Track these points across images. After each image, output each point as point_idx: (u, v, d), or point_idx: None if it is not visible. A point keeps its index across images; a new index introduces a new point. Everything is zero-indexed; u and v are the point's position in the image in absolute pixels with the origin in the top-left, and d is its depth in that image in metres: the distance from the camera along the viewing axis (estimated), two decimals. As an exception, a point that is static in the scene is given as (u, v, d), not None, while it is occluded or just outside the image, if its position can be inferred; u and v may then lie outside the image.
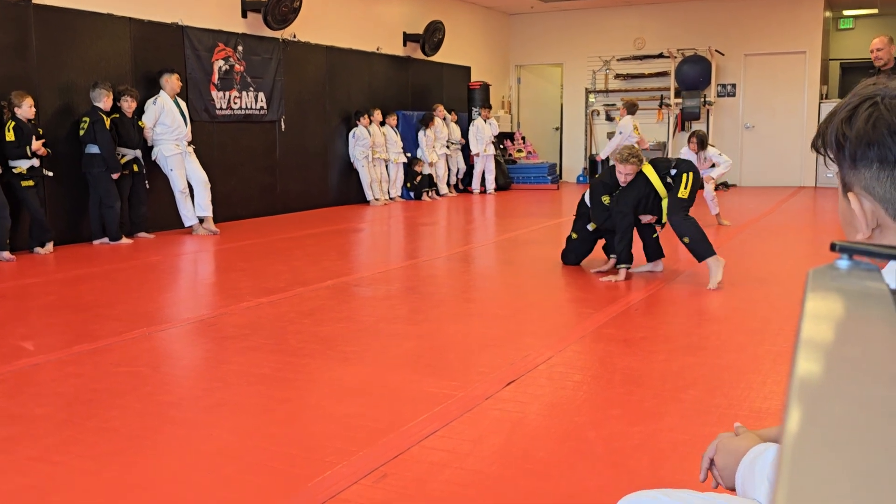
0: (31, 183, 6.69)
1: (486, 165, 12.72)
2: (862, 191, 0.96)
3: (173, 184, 8.00)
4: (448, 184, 12.68)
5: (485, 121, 12.60)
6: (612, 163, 5.95)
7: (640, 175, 5.53)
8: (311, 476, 2.39)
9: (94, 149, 7.20)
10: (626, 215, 5.47)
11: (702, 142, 8.86)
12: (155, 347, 4.00)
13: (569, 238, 6.01)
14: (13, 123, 6.54)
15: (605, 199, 5.66)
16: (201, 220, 8.14)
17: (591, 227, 5.86)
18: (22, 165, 6.63)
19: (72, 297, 5.23)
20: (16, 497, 2.31)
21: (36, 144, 6.64)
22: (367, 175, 10.91)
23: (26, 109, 6.61)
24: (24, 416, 2.96)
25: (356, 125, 10.84)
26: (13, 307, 4.92)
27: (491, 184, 12.75)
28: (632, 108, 10.53)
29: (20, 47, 6.94)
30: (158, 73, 7.93)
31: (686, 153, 9.26)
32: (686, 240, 5.38)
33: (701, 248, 5.32)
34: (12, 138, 6.53)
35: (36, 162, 6.71)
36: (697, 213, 5.72)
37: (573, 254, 6.00)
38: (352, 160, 10.92)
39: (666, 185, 5.55)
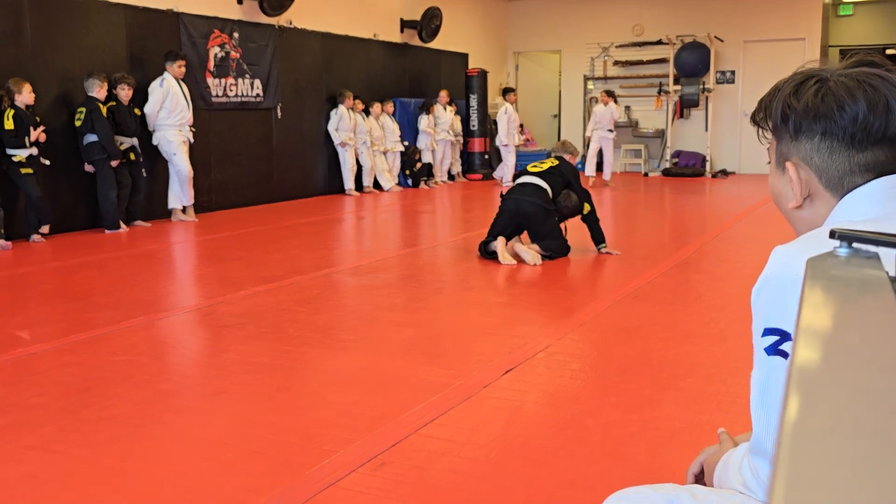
0: (30, 171, 6.70)
1: (603, 145, 12.02)
2: (800, 161, 1.03)
3: (177, 168, 7.99)
4: (450, 172, 12.65)
5: (604, 105, 11.95)
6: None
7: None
8: (309, 464, 2.40)
9: (92, 138, 7.19)
10: None
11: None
12: (153, 336, 4.00)
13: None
14: (12, 112, 6.53)
15: None
16: (184, 209, 8.17)
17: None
18: (21, 154, 6.64)
19: (69, 285, 5.23)
20: (14, 485, 2.32)
21: (35, 133, 6.64)
22: (349, 161, 10.59)
23: (26, 96, 6.62)
24: (21, 405, 2.96)
25: (338, 105, 10.47)
26: (10, 296, 4.92)
27: (608, 172, 12.09)
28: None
29: (14, 35, 6.90)
30: (166, 55, 7.88)
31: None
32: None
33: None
34: (11, 127, 6.53)
35: (34, 150, 6.71)
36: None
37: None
38: (336, 142, 10.50)
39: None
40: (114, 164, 7.31)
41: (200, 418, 2.86)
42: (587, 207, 5.93)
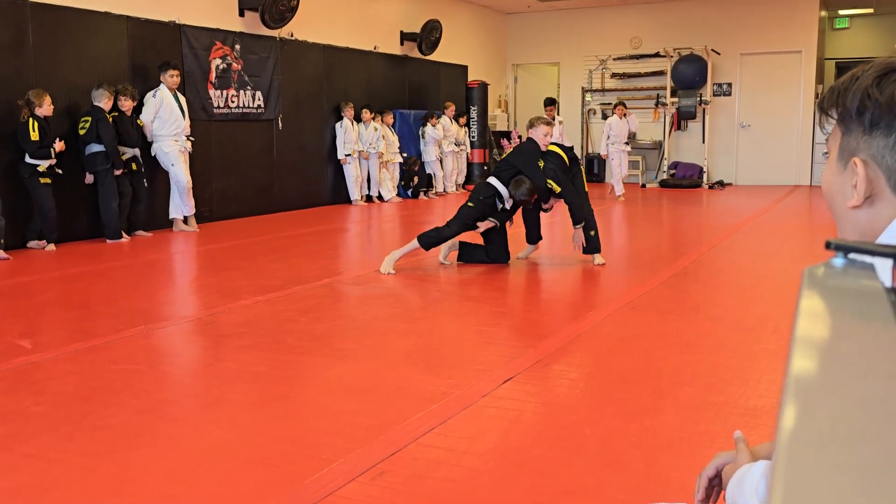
0: (48, 181, 6.82)
1: (621, 160, 11.67)
2: (869, 158, 0.94)
3: (177, 178, 8.00)
4: (455, 183, 12.70)
5: (620, 118, 11.67)
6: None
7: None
8: (308, 473, 2.40)
9: (95, 147, 7.23)
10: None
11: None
12: (152, 345, 4.00)
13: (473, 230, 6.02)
14: (36, 123, 6.63)
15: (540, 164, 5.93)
16: (185, 220, 8.18)
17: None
18: (44, 164, 6.77)
19: (70, 294, 5.23)
20: (12, 494, 2.32)
21: (59, 145, 6.81)
22: (353, 173, 10.71)
23: (46, 108, 6.75)
24: (20, 414, 2.96)
25: (342, 117, 10.59)
26: (11, 305, 4.91)
27: (619, 187, 11.71)
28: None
29: (16, 45, 6.92)
30: (160, 66, 7.91)
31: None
32: (592, 232, 5.85)
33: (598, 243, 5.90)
34: (37, 138, 6.65)
35: (54, 160, 6.83)
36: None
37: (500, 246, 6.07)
38: (339, 157, 10.60)
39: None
40: (117, 173, 7.34)
41: (199, 427, 2.86)
42: (556, 187, 5.78)
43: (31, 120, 6.63)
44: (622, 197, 11.44)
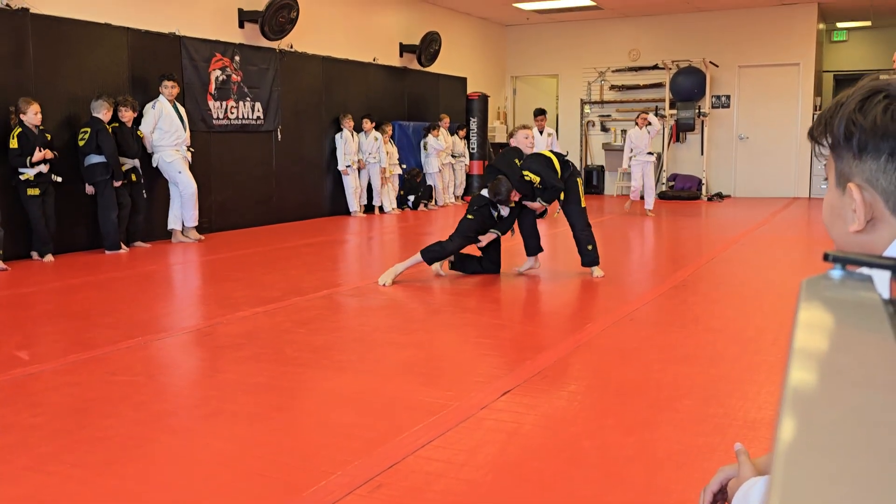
0: (36, 192, 6.75)
1: (644, 171, 11.19)
2: (864, 182, 0.95)
3: (184, 185, 8.01)
4: (454, 195, 12.74)
5: (641, 128, 11.21)
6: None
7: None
8: (306, 485, 2.39)
9: (94, 159, 7.23)
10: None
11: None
12: (151, 356, 3.99)
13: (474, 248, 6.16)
14: (19, 131, 6.60)
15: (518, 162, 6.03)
16: (183, 230, 8.20)
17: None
18: (29, 172, 6.71)
19: (68, 305, 5.22)
20: (10, 506, 2.31)
21: (38, 155, 6.69)
22: (352, 184, 10.74)
23: (31, 116, 6.66)
24: (18, 426, 2.95)
25: (342, 129, 10.62)
26: (9, 316, 4.91)
27: (650, 200, 11.20)
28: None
29: (17, 56, 6.94)
30: (160, 77, 7.95)
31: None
32: (590, 246, 5.89)
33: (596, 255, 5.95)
34: (15, 146, 6.58)
35: (44, 168, 6.77)
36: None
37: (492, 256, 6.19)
38: (339, 167, 10.63)
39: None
40: (116, 184, 7.34)
41: (198, 439, 2.85)
42: (534, 178, 5.82)
43: (15, 128, 6.60)
44: (651, 212, 11.00)
